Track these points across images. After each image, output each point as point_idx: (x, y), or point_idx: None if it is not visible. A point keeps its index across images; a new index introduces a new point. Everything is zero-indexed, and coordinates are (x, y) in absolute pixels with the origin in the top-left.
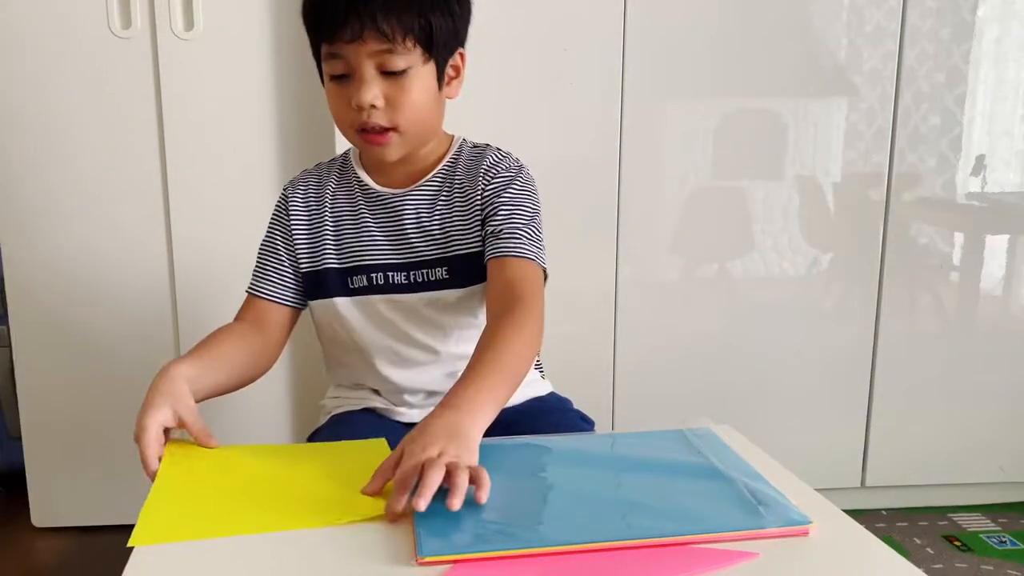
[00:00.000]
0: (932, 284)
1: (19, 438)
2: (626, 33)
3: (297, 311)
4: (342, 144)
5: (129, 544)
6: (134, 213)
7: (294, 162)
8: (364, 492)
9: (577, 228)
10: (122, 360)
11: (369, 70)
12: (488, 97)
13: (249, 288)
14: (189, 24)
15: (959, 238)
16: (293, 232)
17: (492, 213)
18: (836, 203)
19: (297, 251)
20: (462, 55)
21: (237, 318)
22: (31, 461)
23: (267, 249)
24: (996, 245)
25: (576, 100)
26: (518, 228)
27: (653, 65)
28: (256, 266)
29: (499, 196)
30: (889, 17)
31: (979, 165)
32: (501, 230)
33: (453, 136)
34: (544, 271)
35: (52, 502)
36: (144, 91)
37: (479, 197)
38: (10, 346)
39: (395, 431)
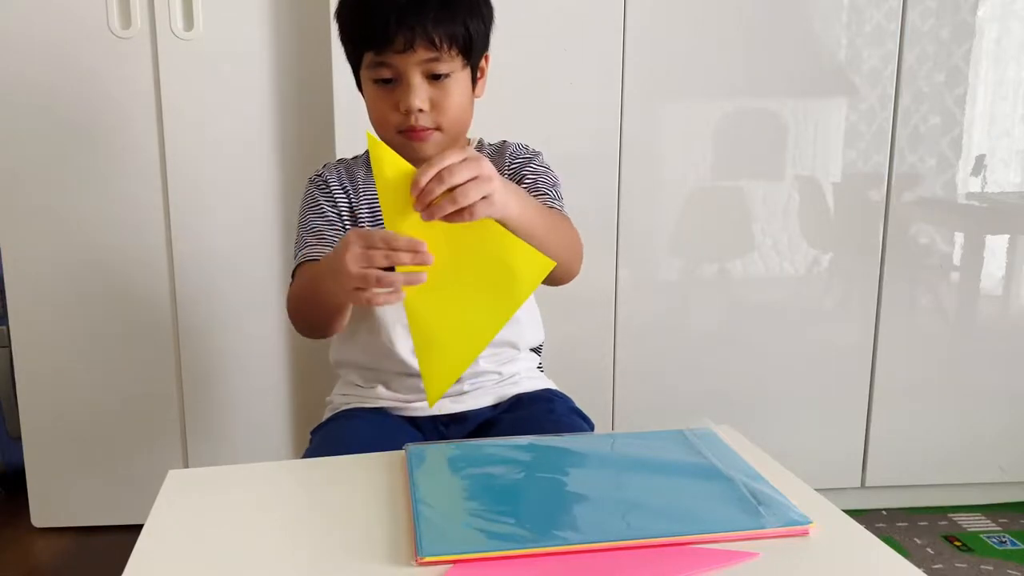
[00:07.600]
0: (932, 284)
1: (19, 438)
2: (626, 33)
3: None
4: (342, 144)
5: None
6: (134, 213)
7: (294, 162)
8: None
9: (577, 228)
10: (122, 361)
11: (416, 77)
12: (488, 97)
13: (310, 257)
14: (189, 24)
15: (959, 238)
16: (338, 203)
17: (518, 182)
18: (836, 203)
19: (344, 220)
20: (486, 57)
21: None
22: (31, 461)
23: (316, 217)
24: (996, 245)
25: (576, 100)
26: (545, 188)
27: (653, 65)
28: (314, 240)
29: (524, 169)
30: (889, 17)
31: (979, 165)
32: (531, 191)
33: (469, 137)
34: None
35: (52, 502)
36: (144, 91)
37: (506, 173)
38: (10, 346)
39: (403, 430)
